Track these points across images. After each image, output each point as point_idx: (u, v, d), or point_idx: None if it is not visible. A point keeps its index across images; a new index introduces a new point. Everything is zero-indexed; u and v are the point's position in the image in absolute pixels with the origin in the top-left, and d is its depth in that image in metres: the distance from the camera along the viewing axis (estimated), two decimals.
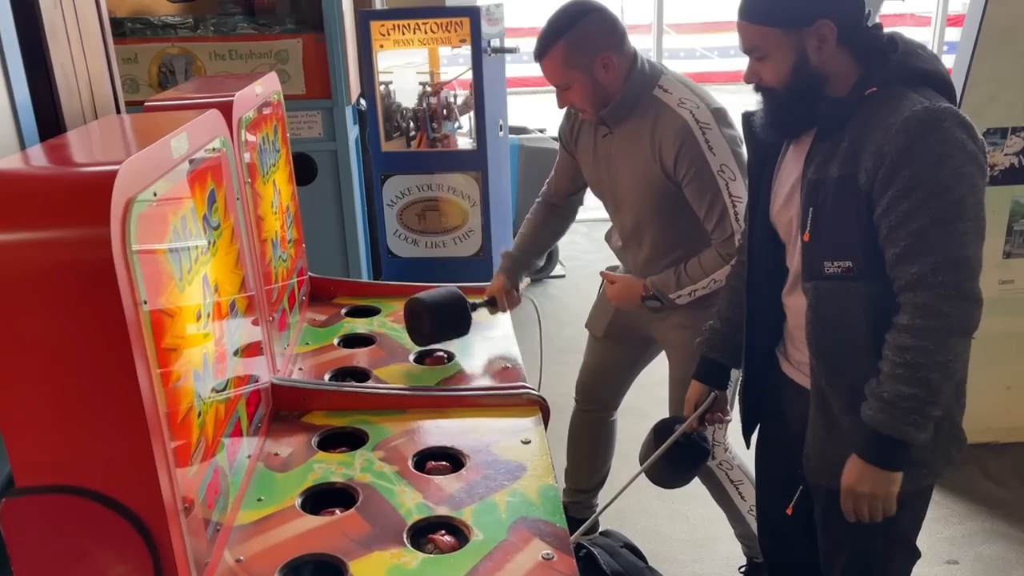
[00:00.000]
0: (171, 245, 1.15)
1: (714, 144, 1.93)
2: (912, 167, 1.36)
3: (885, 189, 1.39)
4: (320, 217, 3.54)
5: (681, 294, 2.06)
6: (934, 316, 1.37)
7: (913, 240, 1.37)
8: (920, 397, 1.39)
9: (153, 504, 1.07)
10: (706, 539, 2.69)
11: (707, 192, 1.96)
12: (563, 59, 1.97)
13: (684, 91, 1.99)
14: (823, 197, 1.47)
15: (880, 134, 1.40)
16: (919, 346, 1.38)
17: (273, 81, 2.07)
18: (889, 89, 1.44)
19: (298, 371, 1.90)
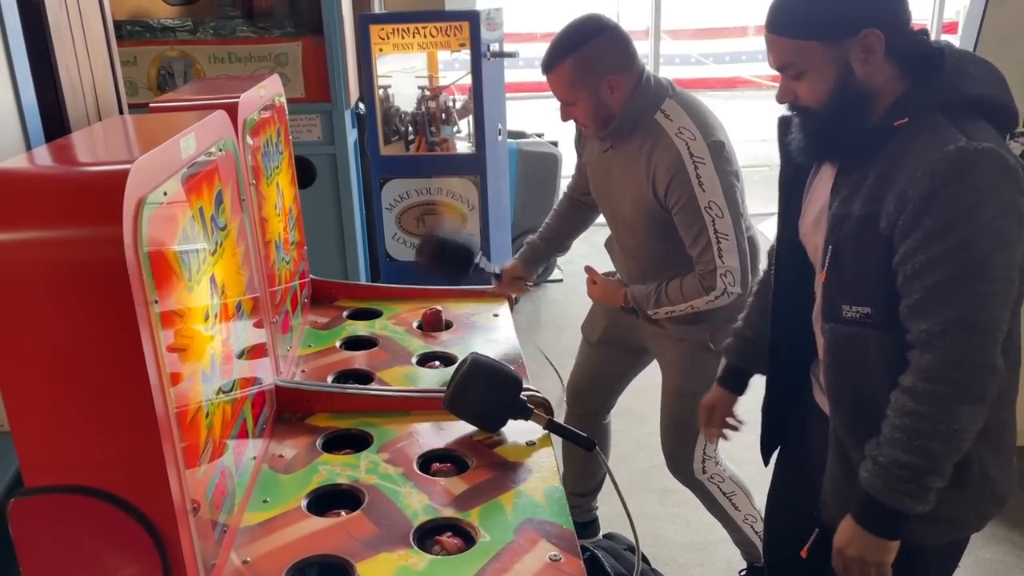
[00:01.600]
0: (181, 245, 1.15)
1: (705, 180, 1.93)
2: (935, 216, 1.23)
3: (905, 236, 1.26)
4: (319, 221, 3.54)
5: (658, 312, 2.08)
6: (939, 381, 1.26)
7: (927, 295, 1.25)
8: (917, 466, 1.28)
9: (163, 505, 1.07)
10: (706, 543, 2.70)
11: (693, 225, 1.97)
12: (570, 77, 1.97)
13: (684, 119, 1.98)
14: (844, 235, 1.35)
15: (905, 175, 1.26)
16: (920, 411, 1.27)
17: (276, 83, 2.07)
18: (925, 119, 1.29)
19: (301, 373, 1.89)
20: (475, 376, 1.56)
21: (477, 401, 1.57)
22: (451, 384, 1.60)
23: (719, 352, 2.14)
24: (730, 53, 12.27)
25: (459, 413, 1.60)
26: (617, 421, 2.63)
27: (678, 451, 2.27)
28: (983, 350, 1.26)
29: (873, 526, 1.34)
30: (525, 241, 2.46)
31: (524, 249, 2.42)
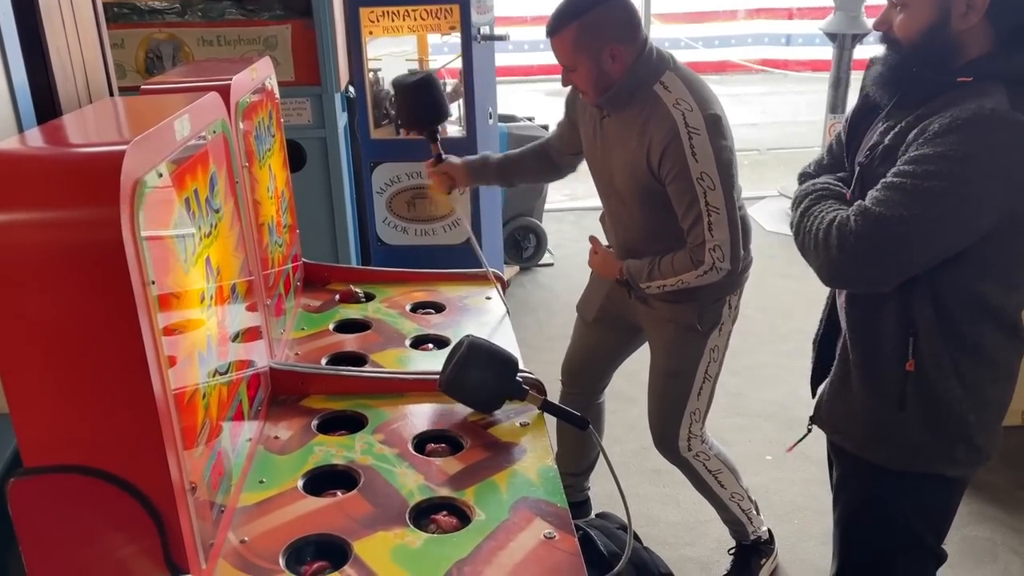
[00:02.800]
0: (176, 227, 1.15)
1: (699, 151, 1.93)
2: (934, 147, 1.29)
3: (904, 154, 1.35)
4: (309, 205, 3.53)
5: (651, 285, 2.09)
6: (825, 231, 1.39)
7: (879, 188, 1.35)
8: (790, 222, 1.52)
9: (162, 485, 1.07)
10: (697, 522, 2.73)
11: (685, 196, 1.98)
12: (573, 42, 1.97)
13: (683, 91, 1.98)
14: (871, 159, 1.46)
15: (936, 117, 1.33)
16: (810, 223, 1.45)
17: (267, 66, 2.06)
18: (988, 84, 1.33)
19: (294, 356, 1.90)
20: (472, 358, 1.57)
21: (474, 383, 1.59)
22: (447, 366, 1.61)
23: (705, 332, 2.17)
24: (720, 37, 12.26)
25: (455, 395, 1.61)
26: (608, 403, 2.65)
27: (665, 429, 2.29)
28: (865, 255, 1.35)
29: None
30: (481, 153, 2.48)
31: (474, 157, 2.45)
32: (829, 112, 5.73)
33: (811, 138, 7.23)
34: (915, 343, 1.44)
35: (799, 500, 2.86)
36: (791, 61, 11.81)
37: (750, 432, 3.27)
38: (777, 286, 4.55)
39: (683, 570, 2.47)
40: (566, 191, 6.14)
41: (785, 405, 3.47)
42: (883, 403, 1.49)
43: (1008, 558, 2.55)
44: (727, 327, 2.22)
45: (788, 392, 3.55)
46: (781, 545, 2.58)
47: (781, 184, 6.01)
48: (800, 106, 9.66)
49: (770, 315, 4.21)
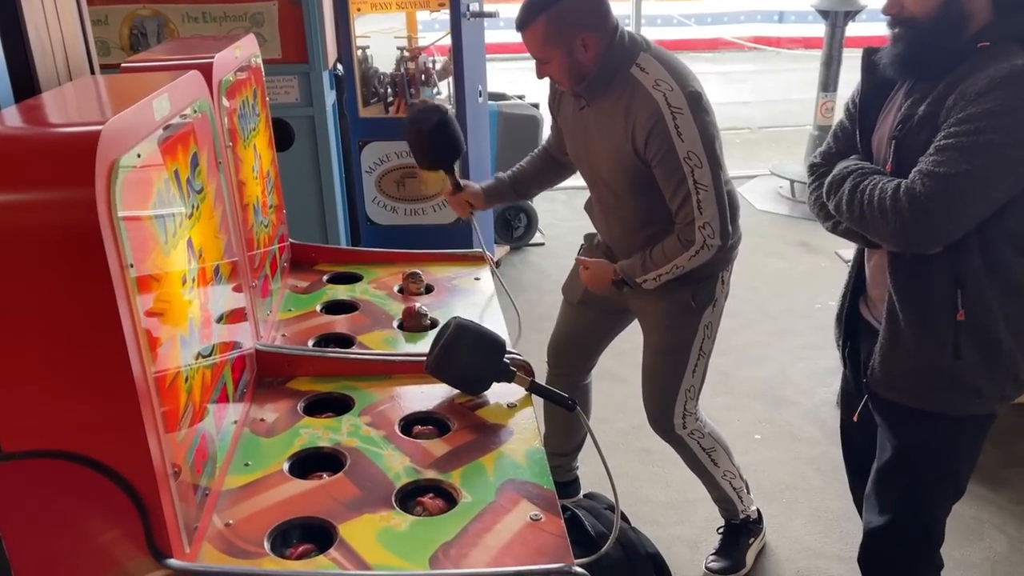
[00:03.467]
0: (156, 208, 1.13)
1: (683, 130, 1.92)
2: (979, 105, 1.42)
3: (948, 119, 1.46)
4: (298, 184, 3.50)
5: (647, 279, 2.09)
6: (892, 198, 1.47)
7: (934, 150, 1.45)
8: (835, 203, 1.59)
9: (143, 469, 1.07)
10: (686, 501, 2.74)
11: (673, 176, 1.96)
12: (543, 35, 1.96)
13: (661, 71, 1.97)
14: (907, 130, 1.54)
15: (971, 78, 1.45)
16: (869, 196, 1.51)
17: (251, 44, 2.03)
18: (1004, 45, 1.46)
19: (281, 337, 1.89)
20: (459, 340, 1.57)
21: (461, 365, 1.58)
22: (434, 348, 1.60)
23: (699, 309, 2.17)
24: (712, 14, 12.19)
25: (442, 377, 1.61)
26: (597, 383, 2.65)
27: (659, 407, 2.30)
28: (938, 211, 1.45)
29: None
30: (495, 175, 2.46)
31: (490, 181, 2.42)
32: (821, 90, 5.70)
33: (803, 116, 7.20)
34: (963, 293, 1.55)
35: (787, 479, 2.87)
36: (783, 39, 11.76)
37: (739, 411, 3.28)
38: (767, 265, 4.55)
39: (671, 549, 2.48)
40: None
41: (774, 384, 3.48)
42: (940, 354, 1.59)
43: (993, 535, 2.57)
44: (720, 303, 2.22)
45: (777, 371, 3.56)
46: (769, 523, 2.59)
47: (773, 163, 5.99)
48: (792, 84, 9.63)
49: (760, 294, 4.21)
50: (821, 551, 2.54)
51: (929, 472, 1.72)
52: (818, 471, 2.90)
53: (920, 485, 1.73)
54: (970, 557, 2.45)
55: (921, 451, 1.70)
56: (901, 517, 1.76)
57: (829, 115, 5.69)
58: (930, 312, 1.59)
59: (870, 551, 1.85)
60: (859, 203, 1.54)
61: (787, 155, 6.45)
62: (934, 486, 1.74)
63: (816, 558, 2.51)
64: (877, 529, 1.79)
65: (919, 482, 1.73)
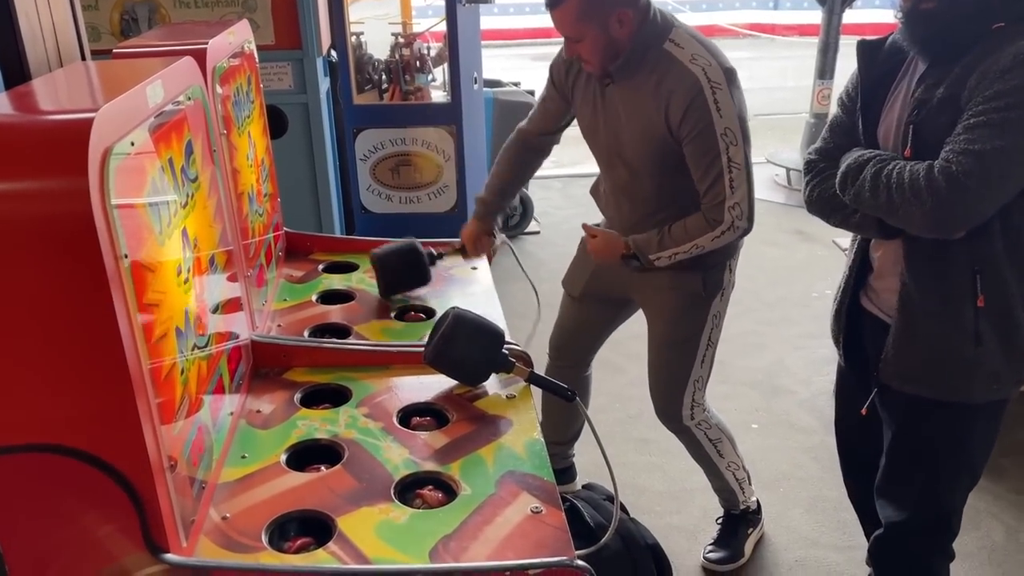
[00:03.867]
0: (150, 197, 1.11)
1: (722, 105, 1.90)
2: (1005, 82, 1.41)
3: (973, 97, 1.45)
4: (291, 172, 3.47)
5: (662, 256, 2.04)
6: (927, 179, 1.44)
7: (963, 130, 1.43)
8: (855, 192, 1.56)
9: (139, 462, 1.05)
10: (683, 491, 2.73)
11: (707, 153, 1.93)
12: (578, 11, 1.90)
13: (696, 47, 1.94)
14: (925, 114, 1.53)
15: (992, 58, 1.44)
16: (897, 180, 1.48)
17: (245, 29, 2.00)
18: (1016, 26, 1.47)
19: (277, 328, 1.87)
20: (458, 331, 1.55)
21: (460, 356, 1.56)
22: (432, 339, 1.59)
23: (709, 298, 2.14)
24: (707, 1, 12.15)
25: (441, 368, 1.59)
26: (594, 373, 2.64)
27: (668, 400, 2.28)
28: (977, 187, 1.42)
29: None
30: (475, 198, 2.41)
31: (477, 208, 2.36)
32: (818, 77, 5.68)
33: (799, 104, 7.18)
34: (982, 279, 1.54)
35: (785, 468, 2.87)
36: (779, 25, 11.72)
37: (736, 400, 3.27)
38: (764, 254, 4.54)
39: (669, 538, 2.47)
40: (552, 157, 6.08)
41: (771, 373, 3.47)
42: (962, 342, 1.58)
43: (990, 524, 2.58)
44: (728, 292, 2.20)
45: (774, 360, 3.56)
46: (767, 513, 2.59)
47: (769, 151, 5.98)
48: (788, 71, 9.60)
49: (756, 283, 4.20)
50: (818, 540, 2.54)
51: (947, 463, 1.71)
52: (815, 460, 2.90)
53: (939, 477, 1.72)
54: (967, 546, 2.45)
55: (939, 443, 1.69)
56: (923, 511, 1.75)
57: (825, 102, 5.67)
58: (950, 300, 1.58)
59: (888, 547, 1.83)
60: (886, 188, 1.51)
61: (783, 143, 6.44)
62: (953, 476, 1.73)
63: (813, 547, 2.51)
64: (897, 524, 1.78)
65: (937, 474, 1.72)
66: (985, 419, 1.69)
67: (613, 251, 2.14)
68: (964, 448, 1.71)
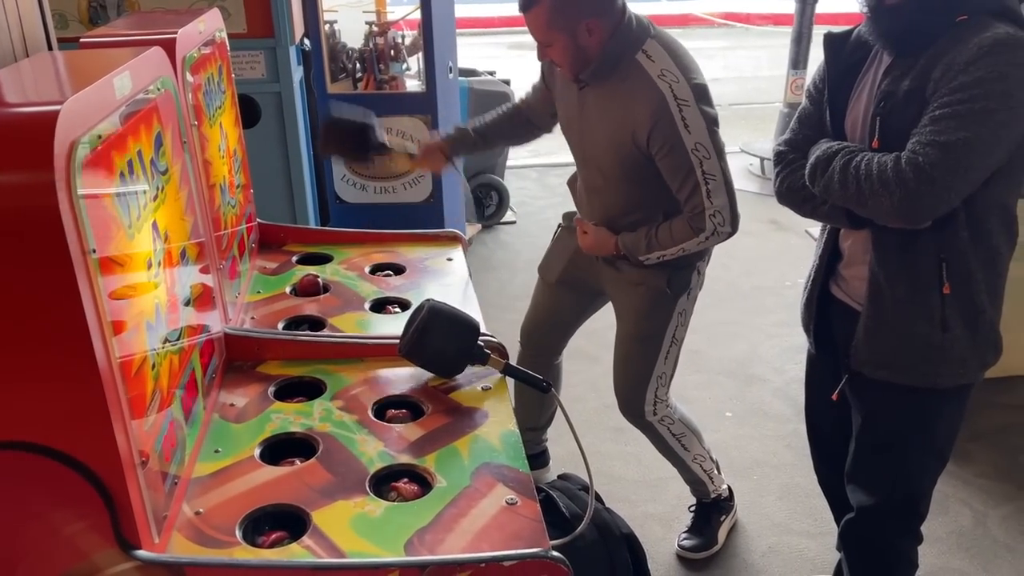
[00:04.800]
0: (119, 190, 1.09)
1: (691, 122, 1.90)
2: (970, 75, 1.43)
3: (938, 89, 1.47)
4: (265, 162, 3.43)
5: (650, 257, 2.07)
6: (896, 172, 1.46)
7: (930, 122, 1.46)
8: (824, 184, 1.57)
9: (109, 458, 1.04)
10: (658, 480, 2.75)
11: (681, 168, 1.94)
12: (548, 18, 1.90)
13: (667, 61, 1.93)
14: (891, 107, 1.55)
15: (956, 50, 1.47)
16: (866, 171, 1.49)
17: (216, 18, 1.98)
18: (978, 18, 1.49)
19: (250, 320, 1.85)
20: (433, 323, 1.55)
21: (435, 348, 1.56)
22: (407, 331, 1.58)
23: (675, 296, 2.16)
24: None
25: (416, 360, 1.59)
26: (569, 362, 2.65)
27: (630, 394, 2.29)
28: (943, 179, 1.44)
29: None
30: (456, 125, 2.41)
31: (452, 131, 2.38)
32: (791, 67, 5.71)
33: (773, 93, 7.22)
34: (948, 267, 1.58)
35: (758, 456, 2.90)
36: (753, 15, 11.76)
37: (710, 389, 3.30)
38: (738, 243, 4.53)
39: (644, 527, 2.49)
40: (529, 147, 6.07)
41: (745, 362, 3.50)
42: (929, 329, 1.62)
43: (958, 509, 2.62)
44: (695, 292, 2.22)
45: (748, 349, 3.59)
46: (740, 500, 2.62)
47: (743, 140, 6.01)
48: (762, 61, 9.65)
49: (731, 272, 4.23)
50: (791, 527, 2.57)
51: (916, 447, 1.74)
52: (788, 448, 2.93)
53: (908, 461, 1.75)
54: (936, 531, 2.50)
55: (908, 427, 1.72)
56: (892, 495, 1.78)
57: (799, 92, 5.71)
58: (917, 288, 1.60)
59: (858, 530, 1.86)
60: (855, 179, 1.53)
61: (757, 132, 6.47)
62: (921, 460, 1.76)
63: (786, 534, 2.54)
64: (867, 508, 1.81)
65: (906, 458, 1.75)
66: (952, 403, 1.72)
67: (604, 250, 2.16)
68: (932, 432, 1.74)
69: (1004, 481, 2.75)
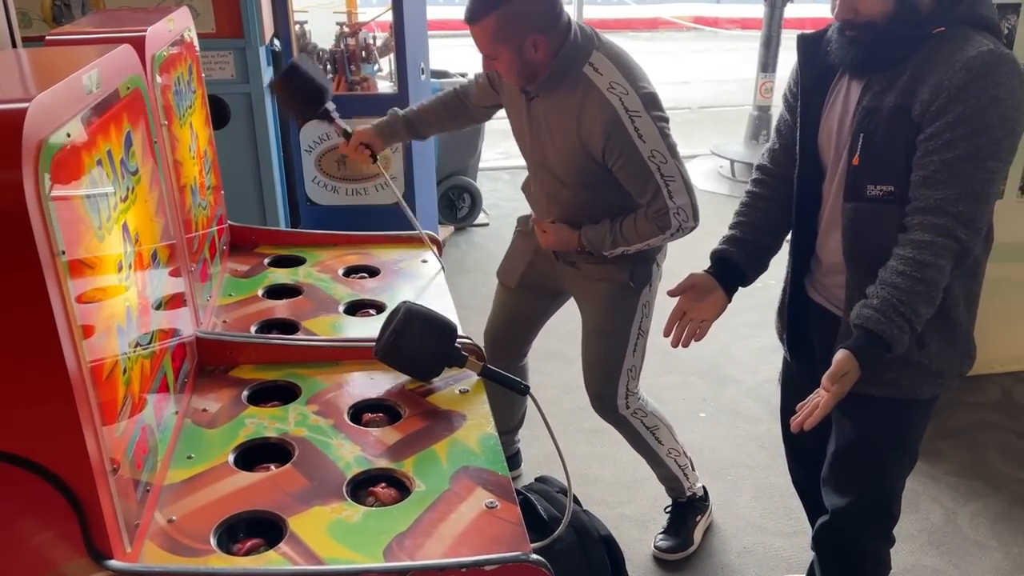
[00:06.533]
0: (88, 190, 1.07)
1: (643, 131, 1.92)
2: (965, 103, 1.44)
3: (934, 120, 1.47)
4: (234, 163, 3.39)
5: (615, 252, 2.09)
6: (944, 236, 1.47)
7: (944, 168, 1.46)
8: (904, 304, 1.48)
9: (79, 466, 1.01)
10: (633, 481, 2.76)
11: (639, 176, 1.97)
12: (493, 32, 1.90)
13: (615, 73, 1.95)
14: (875, 124, 1.54)
15: (942, 70, 1.47)
16: (922, 259, 1.48)
17: (185, 17, 1.95)
18: (955, 30, 1.50)
19: (222, 324, 1.82)
20: (409, 325, 1.53)
21: (412, 351, 1.55)
22: (384, 333, 1.56)
23: (638, 289, 2.18)
24: None
25: (392, 363, 1.57)
26: (544, 364, 2.65)
27: (602, 389, 2.30)
28: (983, 218, 1.50)
29: (859, 353, 1.52)
30: (389, 111, 2.40)
31: (383, 119, 2.37)
32: (761, 71, 5.77)
33: (743, 96, 7.29)
34: None
35: (732, 456, 2.92)
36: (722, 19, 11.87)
37: (683, 390, 3.31)
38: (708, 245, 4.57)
39: (620, 528, 2.49)
40: (500, 149, 6.07)
41: (717, 363, 3.52)
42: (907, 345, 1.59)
43: (928, 507, 2.65)
44: (656, 283, 2.25)
45: (720, 349, 3.61)
46: (715, 500, 2.63)
47: (713, 142, 6.05)
48: (731, 64, 9.73)
49: None
50: (766, 527, 2.59)
51: (892, 453, 1.75)
52: (762, 448, 2.95)
53: (884, 466, 1.76)
54: (907, 528, 2.52)
55: (884, 435, 1.72)
56: (867, 498, 1.79)
57: (768, 95, 5.77)
58: None
59: (832, 534, 1.86)
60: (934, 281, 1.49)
61: (727, 135, 6.52)
62: (896, 464, 1.77)
63: (761, 534, 2.56)
64: (841, 511, 1.81)
65: (883, 463, 1.76)
66: (927, 409, 1.74)
67: (567, 245, 2.16)
68: (908, 438, 1.75)
69: (973, 478, 2.79)
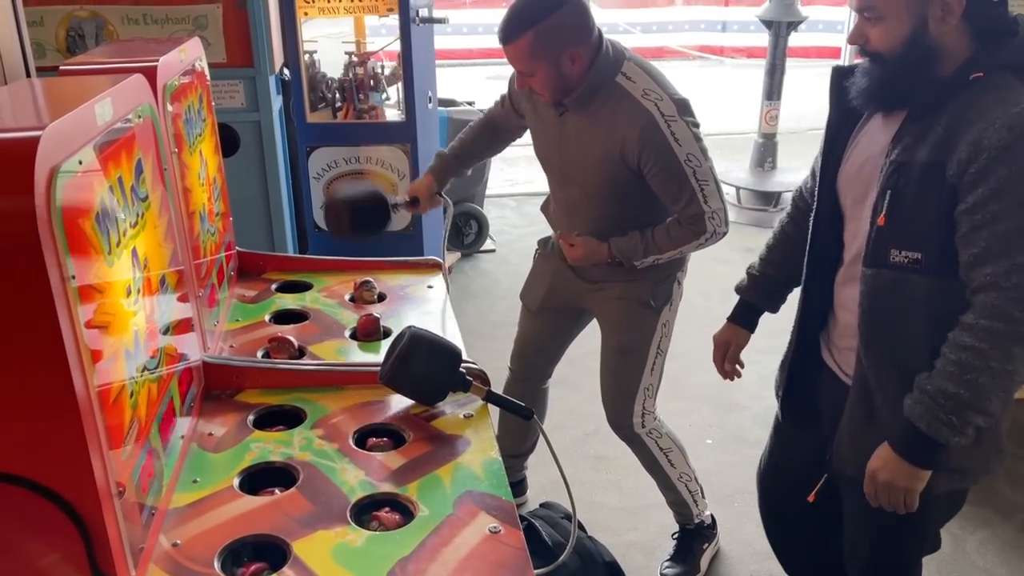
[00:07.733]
0: (99, 217, 1.08)
1: (679, 135, 1.96)
2: (1010, 167, 1.29)
3: (975, 186, 1.32)
4: (244, 190, 3.43)
5: (646, 261, 2.11)
6: (1000, 319, 1.31)
7: (995, 242, 1.31)
8: (964, 399, 1.34)
9: (85, 489, 1.02)
10: (639, 507, 2.75)
11: (675, 180, 2.00)
12: (530, 49, 1.94)
13: (648, 81, 1.99)
14: (905, 182, 1.39)
15: (981, 125, 1.31)
16: (977, 347, 1.33)
17: (196, 47, 1.98)
18: (997, 76, 1.35)
19: (229, 349, 1.84)
20: (414, 350, 1.54)
21: (417, 375, 1.55)
22: (389, 358, 1.57)
23: (658, 308, 2.19)
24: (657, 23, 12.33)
25: (397, 387, 1.58)
26: (551, 390, 2.65)
27: (619, 406, 2.31)
28: None
29: (908, 453, 1.39)
30: (435, 154, 2.46)
31: (434, 163, 2.44)
32: (765, 99, 5.81)
33: (747, 124, 7.32)
34: None
35: (739, 483, 2.90)
36: (727, 47, 11.96)
37: (689, 416, 3.30)
38: (715, 271, 4.60)
39: (626, 555, 2.48)
40: (507, 176, 6.11)
41: (724, 389, 3.50)
42: None
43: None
44: (676, 303, 2.27)
45: None
46: (722, 528, 2.61)
47: (719, 169, 6.06)
48: (736, 92, 9.79)
49: (709, 300, 4.26)
50: (773, 555, 2.56)
51: (914, 542, 1.63)
52: None
53: (904, 553, 1.65)
54: None
55: (901, 526, 1.56)
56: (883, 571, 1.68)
57: (773, 123, 5.80)
58: (909, 387, 1.43)
59: None
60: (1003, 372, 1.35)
61: (732, 162, 6.55)
62: (916, 550, 1.66)
63: (767, 561, 2.53)
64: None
65: (903, 550, 1.64)
66: (948, 503, 1.60)
67: (596, 259, 2.17)
68: (927, 529, 1.63)
69: (981, 506, 2.77)
